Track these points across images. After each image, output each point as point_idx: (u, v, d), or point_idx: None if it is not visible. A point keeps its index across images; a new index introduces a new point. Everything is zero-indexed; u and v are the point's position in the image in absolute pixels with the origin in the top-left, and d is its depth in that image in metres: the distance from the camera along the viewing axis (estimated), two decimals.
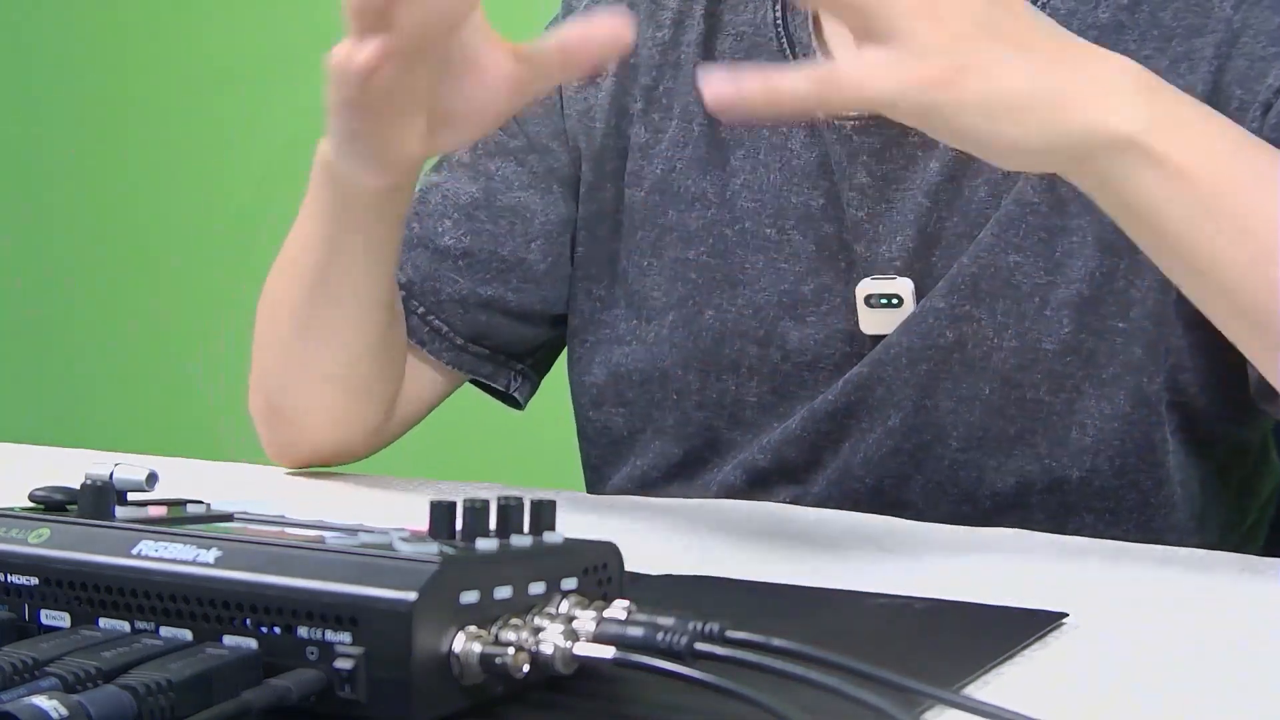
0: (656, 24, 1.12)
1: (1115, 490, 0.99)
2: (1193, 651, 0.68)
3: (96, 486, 0.61)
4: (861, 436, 1.04)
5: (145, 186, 2.86)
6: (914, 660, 0.63)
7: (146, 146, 2.85)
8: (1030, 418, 1.00)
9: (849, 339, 1.04)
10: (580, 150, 1.13)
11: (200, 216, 2.80)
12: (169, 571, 0.56)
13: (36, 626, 0.58)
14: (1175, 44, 0.98)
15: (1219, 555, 0.89)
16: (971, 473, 1.01)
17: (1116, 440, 0.98)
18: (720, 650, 0.54)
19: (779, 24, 1.08)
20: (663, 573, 0.78)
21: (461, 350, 1.13)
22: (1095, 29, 0.99)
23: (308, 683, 0.53)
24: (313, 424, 1.09)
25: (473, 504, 0.58)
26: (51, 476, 0.66)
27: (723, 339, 1.08)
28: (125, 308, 2.90)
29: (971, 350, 1.00)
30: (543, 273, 1.13)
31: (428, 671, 0.53)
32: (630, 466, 1.12)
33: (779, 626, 0.56)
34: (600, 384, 1.12)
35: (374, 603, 0.53)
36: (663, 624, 0.55)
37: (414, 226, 1.12)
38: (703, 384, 1.09)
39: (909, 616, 0.72)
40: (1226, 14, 0.97)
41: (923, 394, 1.01)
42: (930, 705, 0.55)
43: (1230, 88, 0.96)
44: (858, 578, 0.80)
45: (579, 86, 1.13)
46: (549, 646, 0.55)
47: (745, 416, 1.08)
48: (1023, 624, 0.69)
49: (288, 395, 1.08)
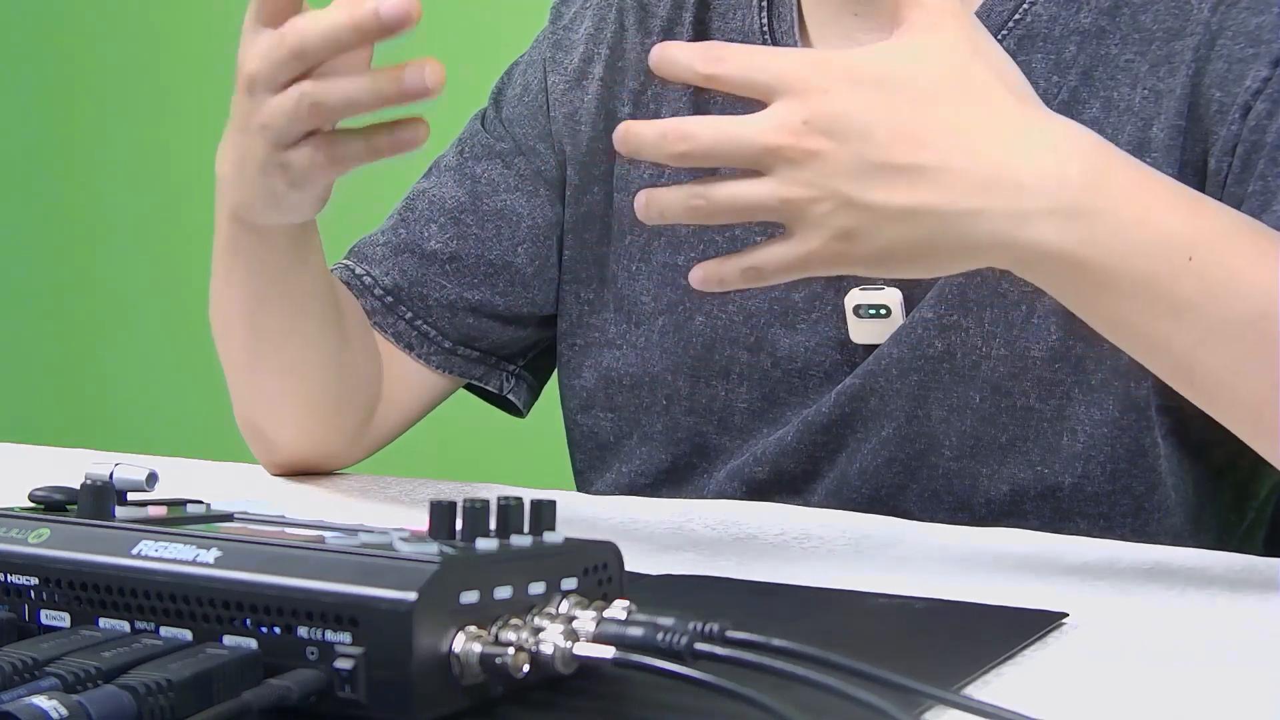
0: (645, 30, 1.12)
1: (1109, 495, 0.99)
2: (1192, 651, 0.68)
3: (96, 486, 0.62)
4: (857, 447, 1.04)
5: (147, 187, 2.86)
6: (914, 660, 0.63)
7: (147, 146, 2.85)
8: (1021, 425, 1.00)
9: (839, 347, 1.04)
10: (566, 153, 1.13)
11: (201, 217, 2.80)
12: (169, 571, 0.56)
13: (36, 626, 0.58)
14: (1155, 47, 0.98)
15: (1218, 555, 0.89)
16: (965, 481, 1.01)
17: (1107, 445, 0.99)
18: (720, 650, 0.54)
19: (765, 30, 1.08)
20: (663, 573, 0.78)
21: (450, 354, 1.13)
22: (1077, 34, 1.00)
23: (308, 683, 0.53)
24: (288, 441, 1.09)
25: (473, 504, 0.58)
26: (51, 476, 0.67)
27: (713, 345, 1.08)
28: (126, 308, 2.90)
29: (961, 359, 1.00)
30: (530, 276, 1.13)
31: (428, 671, 0.53)
32: (616, 473, 1.12)
33: (779, 626, 0.56)
34: (589, 387, 1.12)
35: (374, 603, 0.53)
36: (663, 624, 0.55)
37: (401, 232, 1.13)
38: (692, 389, 1.09)
39: (909, 616, 0.72)
40: (1205, 16, 0.97)
41: (915, 404, 1.02)
42: (930, 705, 0.55)
43: (1209, 90, 0.96)
44: (858, 578, 0.80)
45: (565, 89, 1.13)
46: (549, 646, 0.55)
47: (734, 423, 1.08)
48: (1022, 624, 0.69)
49: (257, 417, 1.09)
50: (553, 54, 1.15)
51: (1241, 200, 0.93)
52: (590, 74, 1.13)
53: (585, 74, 1.13)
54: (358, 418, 1.10)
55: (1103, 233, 0.78)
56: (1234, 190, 0.94)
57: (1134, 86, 0.98)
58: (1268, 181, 0.92)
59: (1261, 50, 0.94)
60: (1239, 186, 0.94)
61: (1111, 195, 0.78)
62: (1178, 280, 0.79)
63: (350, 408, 1.09)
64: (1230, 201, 0.94)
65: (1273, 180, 0.92)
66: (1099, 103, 0.99)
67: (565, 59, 1.14)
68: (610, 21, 1.13)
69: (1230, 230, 0.81)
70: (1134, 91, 0.98)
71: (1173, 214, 0.80)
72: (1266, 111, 0.93)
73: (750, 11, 1.09)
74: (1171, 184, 0.82)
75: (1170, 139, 0.97)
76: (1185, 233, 0.79)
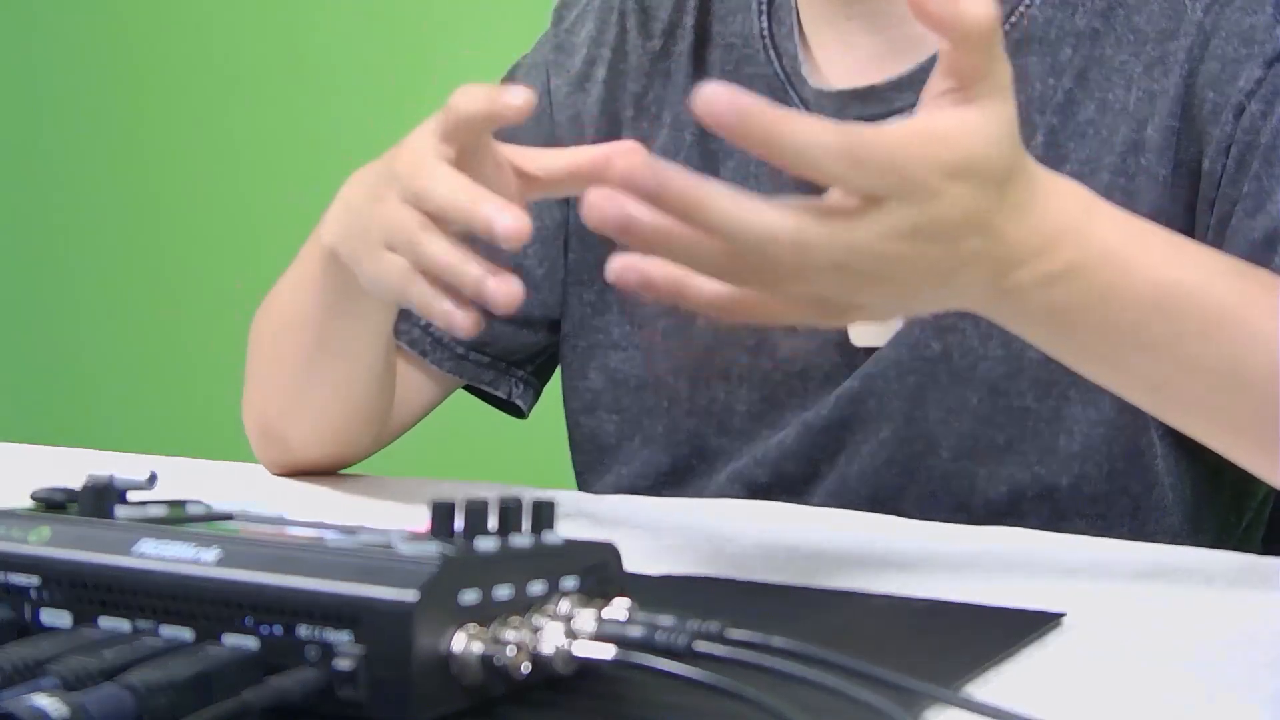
0: (647, 34, 1.12)
1: (1106, 495, 0.99)
2: (1191, 651, 0.68)
3: (97, 486, 0.62)
4: (856, 449, 1.04)
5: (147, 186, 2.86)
6: (914, 660, 0.63)
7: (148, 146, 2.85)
8: (1018, 426, 1.00)
9: (839, 349, 1.04)
10: None
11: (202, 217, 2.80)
12: (169, 571, 0.56)
13: (36, 626, 0.58)
14: (1149, 48, 0.98)
15: (1217, 555, 0.89)
16: (963, 482, 1.01)
17: (1104, 446, 0.99)
18: (720, 650, 0.54)
19: (765, 35, 1.08)
20: (663, 573, 0.78)
21: (462, 359, 1.13)
22: (1073, 36, 1.00)
23: (308, 683, 0.53)
24: (307, 446, 1.09)
25: (473, 504, 0.58)
26: (51, 476, 0.66)
27: (714, 346, 1.08)
28: (126, 308, 2.90)
29: (958, 360, 1.01)
30: (540, 278, 1.13)
31: (428, 671, 0.53)
32: (615, 475, 1.12)
33: (779, 626, 0.56)
34: (597, 389, 1.12)
35: (374, 603, 0.53)
36: (663, 624, 0.55)
37: None
38: (693, 391, 1.09)
39: (909, 616, 0.72)
40: (1198, 17, 0.97)
41: (912, 405, 1.02)
42: (930, 705, 0.55)
43: (1202, 90, 0.96)
44: (858, 578, 0.80)
45: (568, 92, 1.13)
46: (549, 646, 0.55)
47: (734, 425, 1.08)
48: (1021, 624, 0.69)
49: (282, 421, 1.09)
50: (555, 57, 1.15)
51: (1236, 201, 0.93)
52: (593, 77, 1.13)
53: (588, 77, 1.13)
54: (376, 427, 1.10)
55: (1079, 290, 0.78)
56: (1228, 191, 0.94)
57: (1128, 88, 0.98)
58: (1262, 182, 0.93)
59: (1255, 51, 0.95)
60: (1233, 187, 0.94)
61: (1094, 253, 0.78)
62: (1148, 327, 0.79)
63: (374, 418, 1.10)
64: (1224, 202, 0.94)
65: (1267, 180, 0.92)
66: (1094, 104, 0.99)
67: (568, 62, 1.14)
68: (612, 25, 1.13)
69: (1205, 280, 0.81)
70: (1128, 93, 0.98)
71: (1154, 264, 0.79)
72: (1260, 112, 0.94)
73: (750, 15, 1.09)
74: (1151, 233, 0.82)
75: (1164, 140, 0.97)
76: (1165, 282, 0.79)
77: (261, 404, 1.10)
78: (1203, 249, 0.84)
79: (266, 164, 2.68)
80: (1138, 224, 0.81)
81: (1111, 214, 0.80)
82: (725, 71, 1.09)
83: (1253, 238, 0.92)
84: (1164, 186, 0.97)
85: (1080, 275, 0.77)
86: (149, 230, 2.86)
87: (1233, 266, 0.83)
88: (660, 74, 1.11)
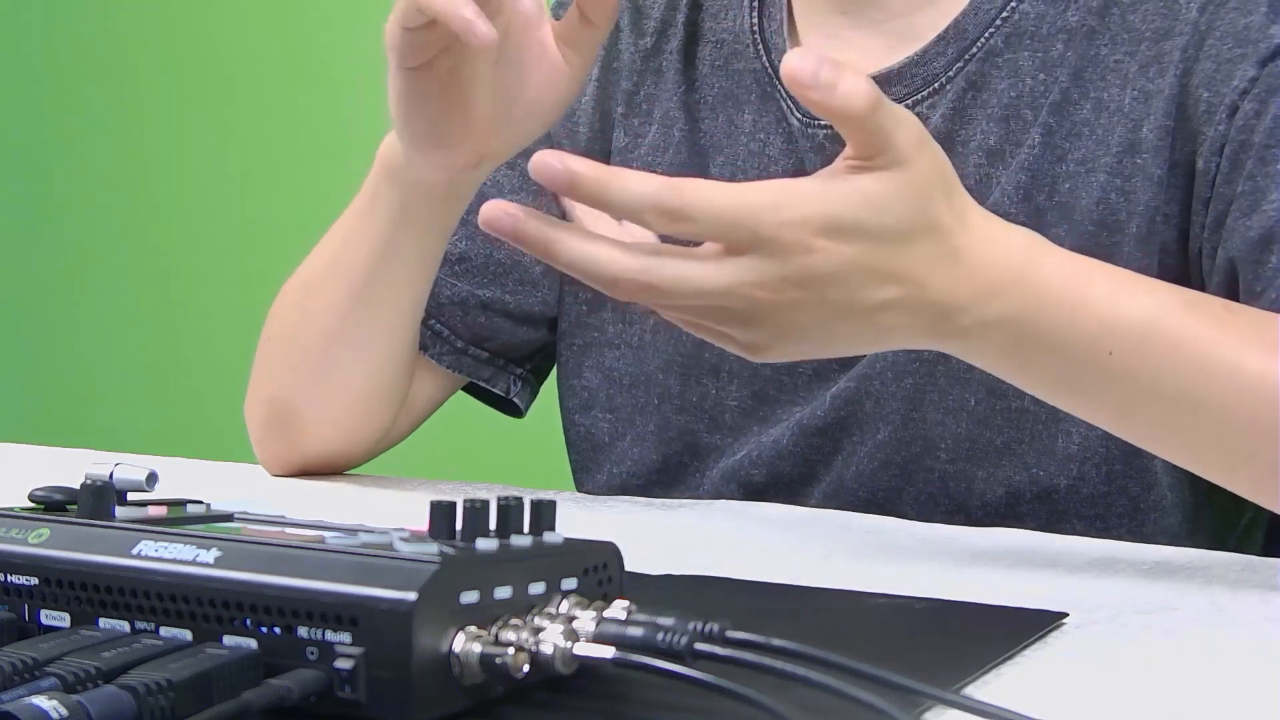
0: (639, 31, 1.13)
1: (1104, 496, 0.99)
2: (1192, 651, 0.68)
3: (96, 486, 0.61)
4: (853, 450, 1.04)
5: (148, 186, 2.86)
6: (914, 660, 0.63)
7: (148, 147, 2.85)
8: (1016, 427, 1.00)
9: None
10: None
11: (203, 217, 2.80)
12: (169, 571, 0.56)
13: (36, 626, 0.58)
14: (1144, 47, 0.98)
15: (1217, 555, 0.89)
16: (961, 484, 1.01)
17: (1102, 447, 0.99)
18: (720, 650, 0.54)
19: (755, 30, 1.09)
20: (663, 573, 0.78)
21: (462, 354, 1.13)
22: (1065, 32, 1.00)
23: (308, 683, 0.53)
24: (319, 432, 1.09)
25: (473, 504, 0.58)
26: (51, 476, 0.66)
27: (703, 342, 1.08)
28: (126, 308, 2.90)
29: (956, 362, 1.00)
30: (539, 275, 1.13)
31: (428, 671, 0.53)
32: (607, 474, 1.12)
33: (779, 626, 0.56)
34: (592, 388, 1.12)
35: (374, 603, 0.53)
36: (663, 624, 0.55)
37: None
38: (683, 387, 1.09)
39: (909, 616, 0.72)
40: (1193, 17, 0.97)
41: (910, 407, 1.02)
42: (930, 705, 0.55)
43: (1197, 90, 0.96)
44: (858, 578, 0.80)
45: None
46: (549, 646, 0.55)
47: (724, 420, 1.08)
48: (1023, 624, 0.69)
49: (299, 399, 1.08)
50: None
51: (1231, 200, 0.94)
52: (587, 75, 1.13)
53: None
54: (389, 419, 1.11)
55: (1027, 332, 0.79)
56: (1223, 190, 0.94)
57: (1124, 87, 0.98)
58: (1256, 181, 0.93)
59: (1249, 50, 0.95)
60: (1227, 187, 0.94)
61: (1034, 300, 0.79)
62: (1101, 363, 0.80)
63: (390, 407, 1.10)
64: (1220, 202, 0.94)
65: (1261, 180, 0.92)
66: (1090, 104, 0.99)
67: None
68: None
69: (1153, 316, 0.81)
70: (1124, 92, 0.98)
71: (1102, 303, 0.80)
72: (1254, 111, 0.94)
73: (741, 12, 1.09)
74: (1099, 273, 0.82)
75: (1159, 139, 0.97)
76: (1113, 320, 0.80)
77: (275, 385, 1.09)
78: (1154, 284, 0.84)
79: (267, 164, 2.68)
80: (1084, 265, 0.82)
81: (1057, 259, 0.81)
82: (715, 67, 1.10)
83: (1249, 236, 0.92)
84: (1160, 186, 0.97)
85: (1024, 320, 0.79)
86: (149, 231, 2.87)
87: (1182, 300, 0.83)
88: (652, 71, 1.12)
